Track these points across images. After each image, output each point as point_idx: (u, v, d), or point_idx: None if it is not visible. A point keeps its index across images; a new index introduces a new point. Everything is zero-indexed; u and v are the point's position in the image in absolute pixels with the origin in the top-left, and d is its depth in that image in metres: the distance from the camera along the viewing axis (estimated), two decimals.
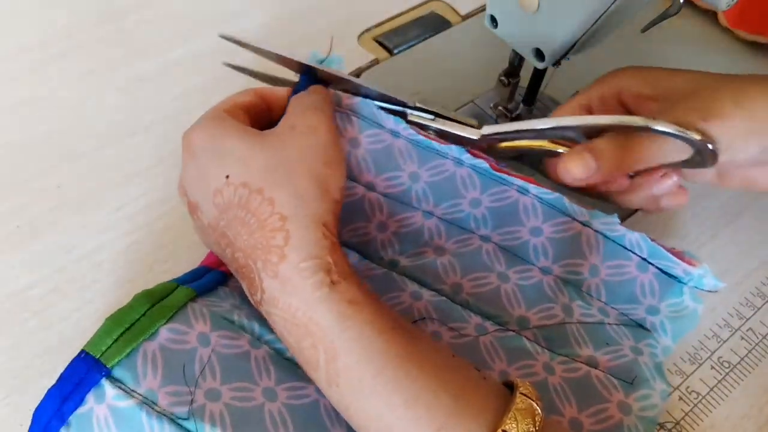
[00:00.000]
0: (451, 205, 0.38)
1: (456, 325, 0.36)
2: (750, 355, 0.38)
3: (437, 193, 0.38)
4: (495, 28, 0.41)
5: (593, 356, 0.35)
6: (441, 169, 0.37)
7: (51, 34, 0.51)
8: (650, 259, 0.36)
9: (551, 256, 0.37)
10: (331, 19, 0.54)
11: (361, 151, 0.37)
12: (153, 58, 0.50)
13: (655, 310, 0.37)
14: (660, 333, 0.37)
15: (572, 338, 0.36)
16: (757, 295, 0.40)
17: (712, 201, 0.44)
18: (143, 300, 0.32)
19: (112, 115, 0.46)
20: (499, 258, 0.38)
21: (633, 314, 0.37)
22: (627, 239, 0.37)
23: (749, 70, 0.49)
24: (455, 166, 0.37)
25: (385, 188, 0.38)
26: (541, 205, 0.37)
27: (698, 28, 0.56)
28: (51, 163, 0.43)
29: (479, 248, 0.38)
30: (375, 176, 0.37)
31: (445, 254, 0.38)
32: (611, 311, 0.37)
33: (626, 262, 0.37)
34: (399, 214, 0.38)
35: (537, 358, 0.35)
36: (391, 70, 0.51)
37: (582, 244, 0.37)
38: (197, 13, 0.53)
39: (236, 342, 0.32)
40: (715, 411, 0.36)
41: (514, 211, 0.37)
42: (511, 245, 0.38)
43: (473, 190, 0.38)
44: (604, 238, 0.37)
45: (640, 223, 0.43)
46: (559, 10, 0.37)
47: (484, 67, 0.50)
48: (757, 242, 0.43)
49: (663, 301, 0.36)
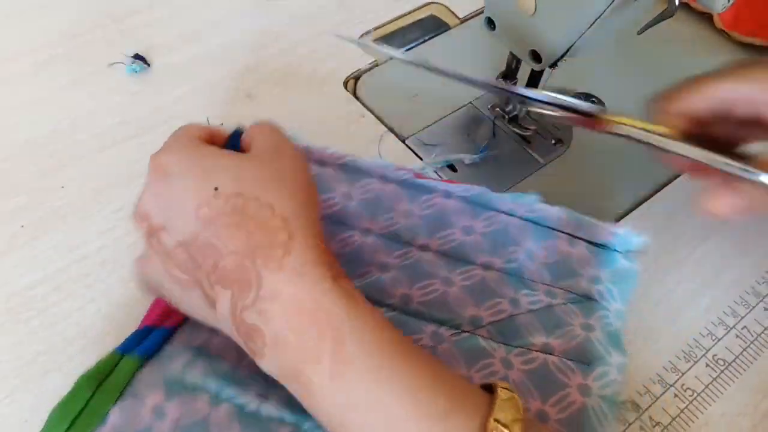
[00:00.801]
0: (386, 220, 0.39)
1: (413, 337, 0.36)
2: (745, 353, 0.38)
3: (370, 210, 0.39)
4: (492, 31, 0.42)
5: (547, 343, 0.36)
6: (369, 188, 0.40)
7: (54, 35, 0.51)
8: (576, 233, 0.39)
9: (488, 250, 0.39)
10: (331, 22, 0.54)
11: None
12: (155, 60, 0.50)
13: (596, 279, 0.38)
14: (609, 299, 0.38)
15: (524, 329, 0.36)
16: (752, 294, 0.41)
17: None
18: (87, 383, 0.31)
19: (115, 116, 0.47)
20: (440, 263, 0.38)
21: (578, 288, 0.38)
22: (550, 216, 0.39)
23: None
24: (382, 183, 0.40)
25: (322, 210, 0.38)
26: (466, 205, 0.39)
27: (694, 31, 0.56)
28: (54, 164, 0.44)
29: (420, 257, 0.38)
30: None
31: (389, 269, 0.38)
32: (558, 291, 0.38)
33: (556, 241, 0.39)
34: (338, 235, 0.39)
35: (494, 354, 0.35)
36: (391, 72, 0.51)
37: (512, 233, 0.39)
38: (199, 15, 0.54)
39: (194, 406, 0.31)
40: (710, 408, 0.36)
41: (444, 214, 0.39)
42: (449, 248, 0.39)
43: (403, 203, 0.39)
44: (530, 223, 0.39)
45: (635, 221, 0.43)
46: (555, 13, 0.37)
47: (482, 69, 0.51)
48: (753, 241, 0.43)
49: (601, 269, 0.38)
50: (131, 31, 0.52)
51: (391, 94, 0.49)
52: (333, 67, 0.51)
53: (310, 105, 0.48)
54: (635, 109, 0.46)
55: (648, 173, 0.46)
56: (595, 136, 0.48)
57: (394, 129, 0.47)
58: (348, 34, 0.53)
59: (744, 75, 0.33)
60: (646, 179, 0.46)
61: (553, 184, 0.45)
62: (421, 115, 0.48)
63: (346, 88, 0.50)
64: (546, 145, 0.47)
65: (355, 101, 0.49)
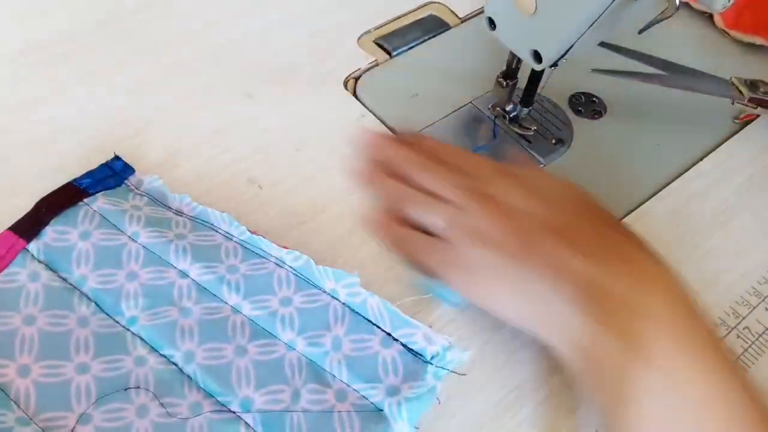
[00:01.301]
0: (207, 266, 0.37)
1: (170, 400, 0.33)
2: (746, 354, 0.38)
3: (197, 254, 0.38)
4: (493, 30, 0.42)
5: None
6: (208, 237, 0.39)
7: (53, 35, 0.51)
8: (394, 333, 0.35)
9: (297, 327, 0.36)
10: (331, 21, 0.54)
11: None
12: (155, 59, 0.50)
13: (395, 390, 0.34)
14: (396, 416, 0.33)
15: (289, 428, 0.33)
16: (753, 294, 0.41)
17: (708, 200, 0.45)
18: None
19: (115, 115, 0.47)
20: (244, 330, 0.36)
21: (373, 396, 0.34)
22: (369, 307, 0.36)
23: (745, 72, 0.50)
24: (223, 239, 0.39)
25: (147, 237, 0.38)
26: (294, 276, 0.37)
27: (695, 30, 0.56)
28: (54, 164, 0.44)
29: (226, 318, 0.36)
30: (143, 228, 0.38)
31: (189, 318, 0.36)
32: (351, 394, 0.34)
33: (369, 336, 0.35)
34: (153, 266, 0.37)
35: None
36: (391, 72, 0.51)
37: (329, 315, 0.36)
38: (198, 14, 0.54)
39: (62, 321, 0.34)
40: None
41: (269, 281, 0.37)
42: (259, 315, 0.36)
43: (233, 259, 0.38)
44: (350, 311, 0.36)
45: (636, 224, 0.43)
46: (556, 13, 0.37)
47: (482, 68, 0.51)
48: (754, 241, 0.43)
49: (405, 381, 0.34)
50: (131, 31, 0.52)
51: (391, 94, 0.49)
52: (333, 67, 0.51)
53: (310, 105, 0.48)
54: (635, 108, 0.46)
55: (649, 173, 0.46)
56: (596, 136, 0.48)
57: (394, 129, 0.47)
58: (348, 33, 0.53)
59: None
60: (647, 179, 0.46)
61: None
62: (421, 115, 0.48)
63: (346, 88, 0.50)
64: (547, 145, 0.47)
65: (355, 101, 0.49)
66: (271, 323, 0.36)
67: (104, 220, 0.39)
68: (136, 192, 0.41)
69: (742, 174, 0.46)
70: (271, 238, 0.39)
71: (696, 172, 0.46)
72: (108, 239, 0.38)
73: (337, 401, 0.34)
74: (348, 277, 0.37)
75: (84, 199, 0.40)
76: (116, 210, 0.39)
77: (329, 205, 0.43)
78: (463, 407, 0.36)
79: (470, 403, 0.36)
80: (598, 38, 0.39)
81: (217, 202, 0.42)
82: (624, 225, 0.36)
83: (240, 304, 0.36)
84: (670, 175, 0.46)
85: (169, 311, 0.36)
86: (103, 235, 0.38)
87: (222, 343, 0.35)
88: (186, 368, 0.34)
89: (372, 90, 0.50)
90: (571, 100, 0.50)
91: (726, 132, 0.49)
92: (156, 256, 0.38)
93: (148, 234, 0.38)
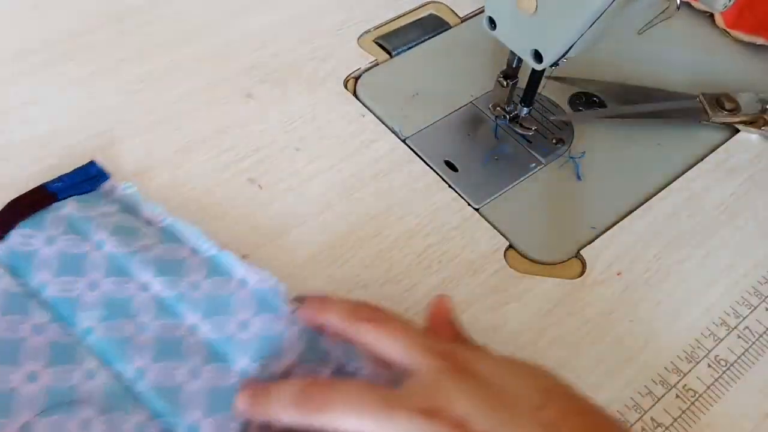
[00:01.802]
0: (169, 281, 0.36)
1: (116, 417, 0.32)
2: (747, 354, 0.38)
3: (161, 268, 0.36)
4: (493, 30, 0.41)
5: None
6: (176, 253, 0.37)
7: (54, 35, 0.51)
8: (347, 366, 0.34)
9: (252, 354, 0.34)
10: (331, 21, 0.54)
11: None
12: (155, 59, 0.50)
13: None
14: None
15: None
16: (753, 294, 0.41)
17: (708, 200, 0.45)
18: None
19: (115, 116, 0.47)
20: (200, 352, 0.34)
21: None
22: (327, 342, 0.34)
23: (746, 72, 0.50)
24: (190, 254, 0.37)
25: (112, 246, 0.36)
26: (256, 300, 0.35)
27: (696, 30, 0.56)
28: (54, 164, 0.44)
29: (182, 337, 0.34)
30: (110, 236, 0.37)
31: (145, 334, 0.34)
32: None
33: (324, 370, 0.34)
34: (114, 277, 0.36)
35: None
36: (391, 72, 0.51)
37: (284, 345, 0.34)
38: (198, 14, 0.54)
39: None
40: (712, 409, 0.36)
41: (230, 302, 0.35)
42: (216, 338, 0.34)
43: (197, 275, 0.36)
44: (306, 337, 0.35)
45: (636, 224, 0.43)
46: (556, 12, 0.37)
47: (483, 68, 0.51)
48: (754, 241, 0.43)
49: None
50: (131, 31, 0.52)
51: (391, 94, 0.49)
52: (333, 67, 0.51)
53: (310, 105, 0.48)
54: (634, 108, 0.45)
55: (649, 173, 0.46)
56: (596, 135, 0.48)
57: (394, 129, 0.47)
58: (348, 33, 0.53)
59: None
60: (648, 179, 0.46)
61: (554, 184, 0.45)
62: (421, 115, 0.48)
63: (346, 88, 0.50)
64: (547, 145, 0.47)
65: (355, 101, 0.49)
66: (228, 347, 0.34)
67: (71, 226, 0.37)
68: (108, 198, 0.40)
69: (742, 174, 0.46)
70: (270, 238, 0.39)
71: (696, 172, 0.46)
72: (72, 246, 0.37)
73: None
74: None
75: (54, 203, 0.38)
76: (84, 216, 0.38)
77: (329, 205, 0.43)
78: None
79: None
80: (599, 37, 0.39)
81: (218, 202, 0.42)
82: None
83: (198, 325, 0.35)
84: (670, 175, 0.46)
85: (125, 325, 0.34)
86: (68, 241, 0.37)
87: (176, 362, 0.34)
88: (136, 385, 0.33)
89: (372, 90, 0.50)
90: (572, 99, 0.50)
91: (726, 132, 0.49)
92: (119, 266, 0.36)
93: (113, 243, 0.37)
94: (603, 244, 0.42)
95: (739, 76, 0.53)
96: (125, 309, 0.35)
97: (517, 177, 0.45)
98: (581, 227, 0.43)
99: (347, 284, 0.39)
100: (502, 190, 0.45)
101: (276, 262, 0.39)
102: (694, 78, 0.52)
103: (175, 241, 0.38)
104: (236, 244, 0.39)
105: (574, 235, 0.43)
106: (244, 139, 0.46)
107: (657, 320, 0.39)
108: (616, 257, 0.42)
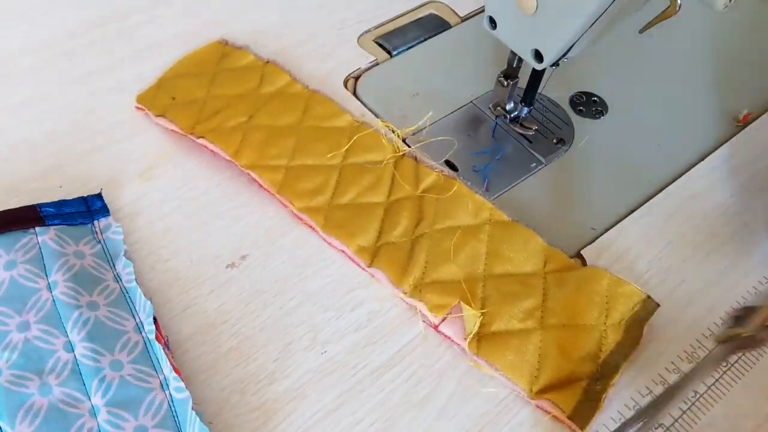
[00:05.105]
0: (94, 350, 0.34)
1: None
2: (748, 354, 0.38)
3: (94, 333, 0.35)
4: (494, 30, 0.41)
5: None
6: (122, 318, 0.36)
7: (54, 35, 0.51)
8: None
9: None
10: (331, 21, 0.54)
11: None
12: (155, 59, 0.50)
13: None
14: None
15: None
16: (754, 294, 0.40)
17: (708, 200, 0.45)
18: None
19: (114, 115, 0.47)
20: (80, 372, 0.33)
21: None
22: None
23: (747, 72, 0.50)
24: (133, 329, 0.36)
25: (61, 293, 0.35)
26: (166, 407, 0.34)
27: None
28: (53, 164, 0.44)
29: (79, 416, 0.32)
30: (66, 280, 0.36)
31: (45, 397, 0.32)
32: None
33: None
34: (47, 325, 0.35)
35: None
36: (391, 72, 0.51)
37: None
38: (198, 14, 0.54)
39: None
40: (713, 410, 0.36)
41: (140, 400, 0.33)
42: (110, 430, 0.32)
43: (125, 354, 0.35)
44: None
45: (636, 224, 0.43)
46: (557, 12, 0.37)
47: (483, 68, 0.51)
48: (754, 241, 0.43)
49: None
50: (131, 31, 0.52)
51: (391, 94, 0.49)
52: (333, 66, 0.51)
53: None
54: (636, 108, 0.45)
55: (649, 173, 0.46)
56: (597, 135, 0.48)
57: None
58: (348, 33, 0.53)
59: None
60: (648, 179, 0.46)
61: (555, 184, 0.45)
62: (421, 115, 0.48)
63: (346, 87, 0.50)
64: (547, 145, 0.47)
65: (355, 101, 0.49)
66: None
67: (38, 256, 0.36)
68: (93, 236, 0.39)
69: (743, 174, 0.46)
70: (270, 239, 0.38)
71: (696, 172, 0.46)
72: (27, 279, 0.36)
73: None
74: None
75: (37, 227, 0.38)
76: (56, 251, 0.37)
77: None
78: (463, 407, 0.35)
79: (470, 403, 0.36)
80: (599, 37, 0.39)
81: (219, 199, 0.42)
82: None
83: (99, 409, 0.33)
84: (671, 175, 0.46)
85: (31, 381, 0.33)
86: (27, 272, 0.36)
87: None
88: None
89: (372, 90, 0.50)
90: (572, 99, 0.50)
91: (726, 132, 0.49)
92: (57, 315, 0.35)
93: (65, 288, 0.35)
94: (603, 244, 0.42)
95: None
96: (40, 362, 0.33)
97: (517, 177, 0.45)
98: (581, 227, 0.43)
99: None
100: (502, 190, 0.45)
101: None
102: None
103: (125, 310, 0.36)
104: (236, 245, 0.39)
105: (575, 235, 0.43)
106: None
107: (657, 320, 0.39)
108: (617, 257, 0.42)
